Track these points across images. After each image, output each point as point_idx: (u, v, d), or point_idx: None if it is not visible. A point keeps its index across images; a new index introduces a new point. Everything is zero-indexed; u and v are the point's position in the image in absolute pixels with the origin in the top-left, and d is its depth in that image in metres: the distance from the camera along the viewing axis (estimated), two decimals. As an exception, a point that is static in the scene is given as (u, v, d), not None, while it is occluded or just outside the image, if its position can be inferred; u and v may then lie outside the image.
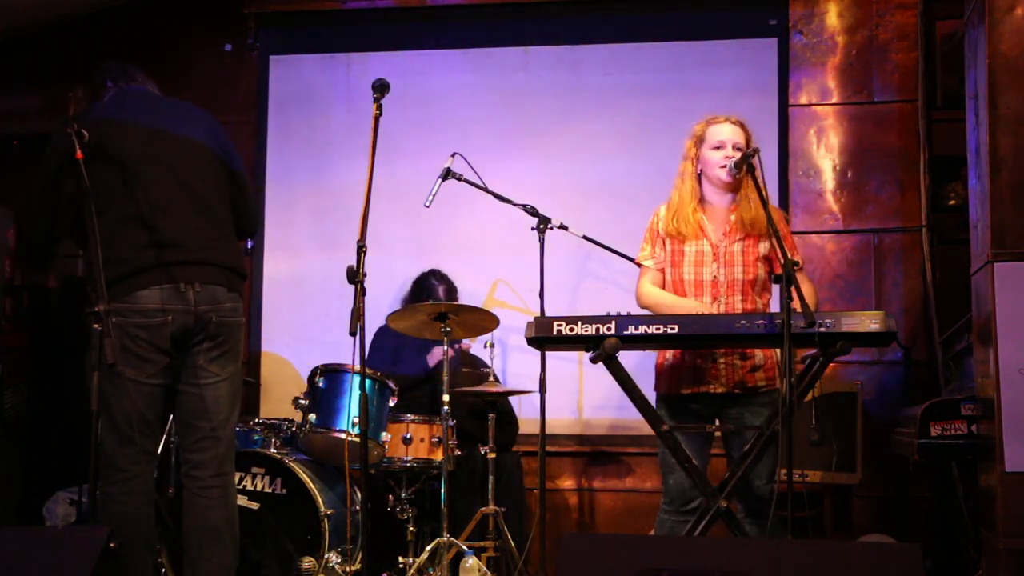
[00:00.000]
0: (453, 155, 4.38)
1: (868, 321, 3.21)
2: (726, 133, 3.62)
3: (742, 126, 3.65)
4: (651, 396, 3.55)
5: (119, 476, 3.23)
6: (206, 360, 3.33)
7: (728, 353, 3.54)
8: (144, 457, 3.28)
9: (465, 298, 4.93)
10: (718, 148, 3.61)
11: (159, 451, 3.43)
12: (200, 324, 3.29)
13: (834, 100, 5.14)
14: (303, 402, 4.19)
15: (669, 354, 3.63)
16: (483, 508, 4.16)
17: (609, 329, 3.30)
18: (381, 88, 3.39)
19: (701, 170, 3.67)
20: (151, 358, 3.24)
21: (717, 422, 3.60)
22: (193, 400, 3.35)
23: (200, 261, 3.30)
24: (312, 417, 4.14)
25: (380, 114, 3.36)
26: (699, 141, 3.67)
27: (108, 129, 3.30)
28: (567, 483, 5.21)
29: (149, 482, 3.31)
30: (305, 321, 5.41)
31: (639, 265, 3.75)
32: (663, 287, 3.68)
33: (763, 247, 3.60)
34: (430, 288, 4.82)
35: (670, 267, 3.66)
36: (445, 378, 4.09)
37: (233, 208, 3.50)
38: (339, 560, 4.00)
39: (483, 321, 4.29)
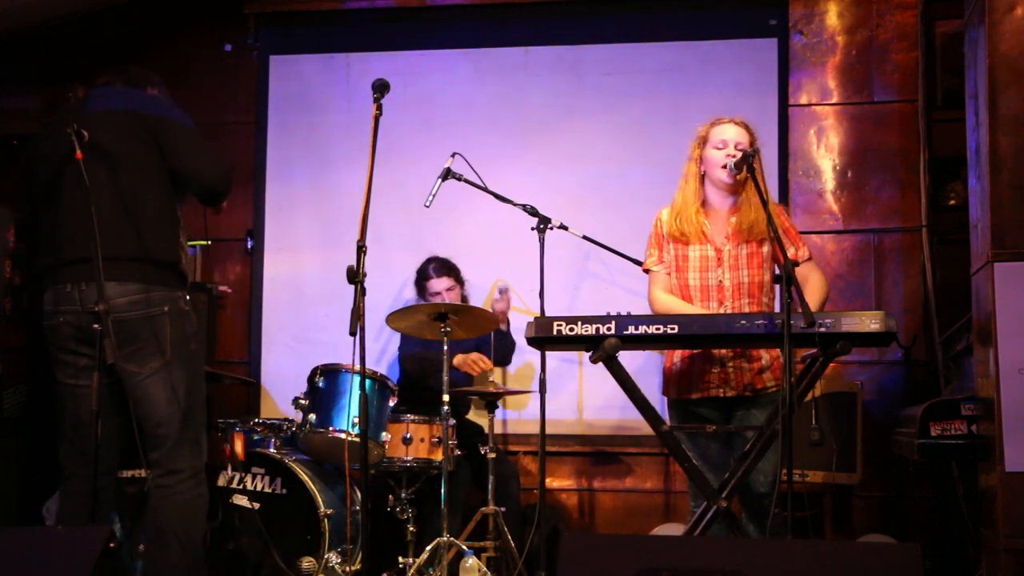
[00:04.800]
0: (453, 155, 4.37)
1: (868, 321, 3.21)
2: (729, 133, 3.62)
3: (746, 127, 3.65)
4: (653, 399, 3.52)
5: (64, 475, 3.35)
6: (124, 359, 3.15)
7: (735, 356, 3.54)
8: (81, 459, 3.30)
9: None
10: (720, 148, 3.61)
11: (105, 453, 3.27)
12: (91, 323, 3.11)
13: (834, 100, 5.14)
14: (303, 402, 4.19)
15: (677, 359, 3.62)
16: (483, 508, 4.16)
17: (609, 329, 3.30)
18: (381, 88, 3.39)
19: (704, 171, 3.67)
20: (63, 359, 3.32)
21: None
22: (132, 400, 3.29)
23: (83, 259, 3.16)
24: (312, 417, 4.14)
25: (380, 114, 3.36)
26: (703, 142, 3.67)
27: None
28: (567, 483, 5.20)
29: (89, 485, 3.19)
30: (305, 321, 5.41)
31: (647, 271, 3.74)
32: (672, 291, 3.68)
33: (767, 249, 3.60)
34: (424, 272, 4.81)
35: (675, 272, 3.66)
36: (445, 378, 4.09)
37: (176, 173, 3.34)
38: (339, 560, 4.00)
39: (483, 321, 4.29)
